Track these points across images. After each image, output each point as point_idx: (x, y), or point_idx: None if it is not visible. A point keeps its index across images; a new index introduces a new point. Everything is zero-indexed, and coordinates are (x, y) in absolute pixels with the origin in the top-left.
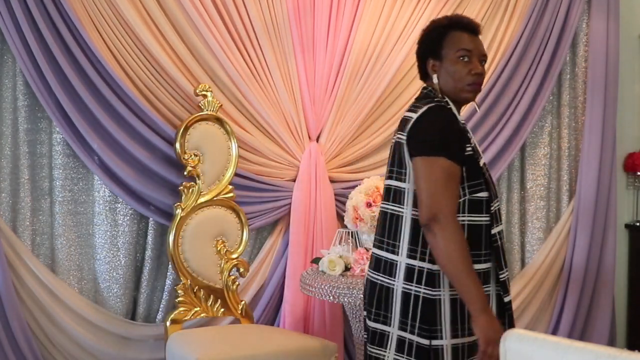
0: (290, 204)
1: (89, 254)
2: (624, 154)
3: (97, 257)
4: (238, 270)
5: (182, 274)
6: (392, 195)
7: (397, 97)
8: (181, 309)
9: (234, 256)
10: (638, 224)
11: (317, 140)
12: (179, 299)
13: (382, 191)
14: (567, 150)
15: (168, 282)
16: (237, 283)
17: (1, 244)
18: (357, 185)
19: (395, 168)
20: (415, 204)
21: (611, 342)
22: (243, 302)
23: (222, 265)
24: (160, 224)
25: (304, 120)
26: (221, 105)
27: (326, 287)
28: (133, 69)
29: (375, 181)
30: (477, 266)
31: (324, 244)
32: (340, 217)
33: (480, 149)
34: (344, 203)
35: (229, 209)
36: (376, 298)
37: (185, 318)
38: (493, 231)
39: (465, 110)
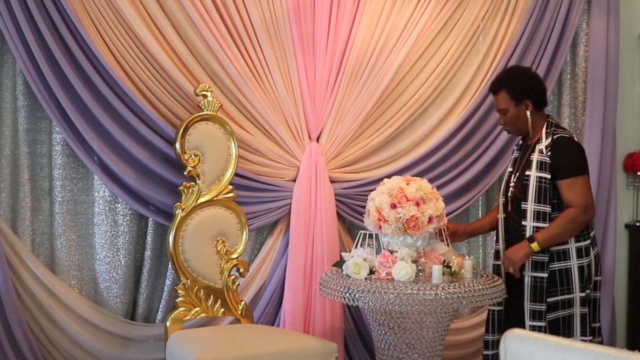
0: (290, 204)
1: (89, 254)
2: (624, 154)
3: (97, 257)
4: (238, 270)
5: (182, 274)
6: None
7: (397, 97)
8: (181, 309)
9: (234, 256)
10: (638, 224)
11: (318, 140)
12: (179, 299)
13: (406, 193)
14: None
15: (168, 282)
16: (237, 283)
17: (1, 244)
18: (357, 186)
19: None
20: None
21: (611, 342)
22: (243, 302)
23: (222, 265)
24: (160, 224)
25: (304, 120)
26: (221, 105)
27: (353, 291)
28: (133, 69)
29: (398, 182)
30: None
31: (324, 244)
32: (341, 217)
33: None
34: (344, 203)
35: (229, 209)
36: None
37: (185, 318)
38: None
39: (472, 101)
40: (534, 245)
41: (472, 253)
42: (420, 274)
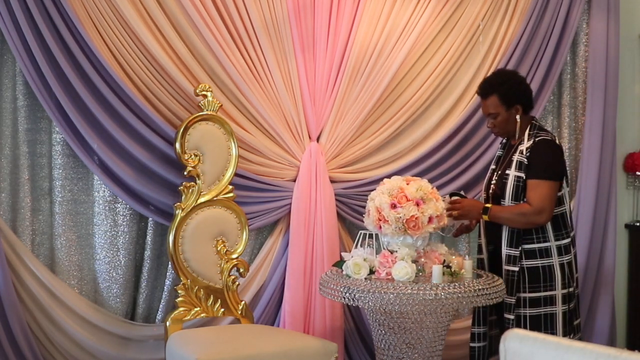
0: (290, 204)
1: (89, 254)
2: (624, 154)
3: (97, 257)
4: (238, 270)
5: (182, 274)
6: None
7: (397, 97)
8: (181, 309)
9: (234, 256)
10: (638, 224)
11: (318, 140)
12: (179, 299)
13: (406, 193)
14: (567, 150)
15: (168, 282)
16: (237, 283)
17: (1, 244)
18: (357, 186)
19: None
20: None
21: (611, 342)
22: (243, 302)
23: (222, 265)
24: (160, 224)
25: (304, 120)
26: (221, 105)
27: (353, 291)
28: (133, 69)
29: (398, 182)
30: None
31: (324, 244)
32: (341, 217)
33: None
34: (344, 203)
35: (229, 209)
36: None
37: (185, 318)
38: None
39: (473, 101)
40: (485, 217)
41: (472, 253)
42: (420, 274)
